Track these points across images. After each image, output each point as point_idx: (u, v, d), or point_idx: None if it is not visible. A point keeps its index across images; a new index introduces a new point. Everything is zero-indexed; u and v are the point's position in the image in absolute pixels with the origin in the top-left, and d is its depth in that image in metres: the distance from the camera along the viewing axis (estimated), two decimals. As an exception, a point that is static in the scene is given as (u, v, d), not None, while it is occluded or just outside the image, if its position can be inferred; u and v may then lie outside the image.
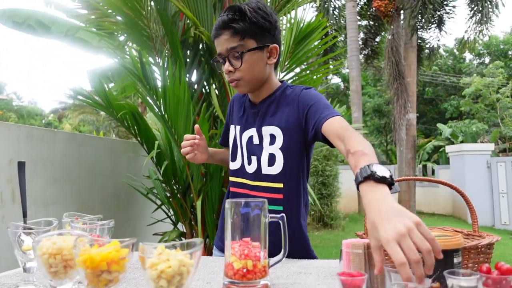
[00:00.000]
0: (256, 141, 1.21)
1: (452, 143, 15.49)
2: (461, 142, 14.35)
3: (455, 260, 0.67)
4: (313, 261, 1.10)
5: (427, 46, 10.19)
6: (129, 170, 3.26)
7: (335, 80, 21.39)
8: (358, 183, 0.76)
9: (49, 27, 3.47)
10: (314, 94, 1.16)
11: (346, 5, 8.84)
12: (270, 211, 0.85)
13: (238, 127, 1.28)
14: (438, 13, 8.80)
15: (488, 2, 8.32)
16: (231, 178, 1.29)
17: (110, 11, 2.91)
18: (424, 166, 14.60)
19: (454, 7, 9.18)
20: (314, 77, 2.98)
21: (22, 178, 0.89)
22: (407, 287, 0.57)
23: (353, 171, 0.82)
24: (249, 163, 1.22)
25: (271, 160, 1.17)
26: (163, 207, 2.99)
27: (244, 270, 0.78)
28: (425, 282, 0.68)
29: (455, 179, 8.97)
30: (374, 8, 9.37)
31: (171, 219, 3.00)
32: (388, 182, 0.72)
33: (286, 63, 2.73)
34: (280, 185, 1.16)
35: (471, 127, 14.57)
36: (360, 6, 10.18)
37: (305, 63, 2.95)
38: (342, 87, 22.85)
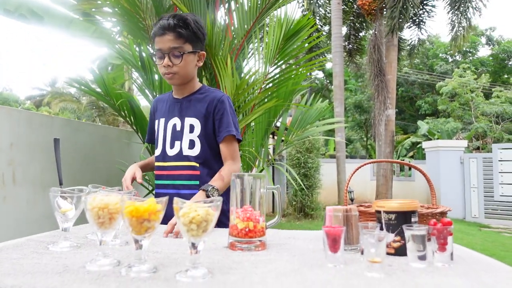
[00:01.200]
0: (178, 128, 1.49)
1: (429, 139, 16.04)
2: (437, 139, 14.89)
3: (413, 220, 0.87)
4: (297, 231, 1.27)
5: (408, 44, 10.54)
6: (122, 157, 3.38)
7: (321, 75, 21.72)
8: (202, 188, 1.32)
9: (42, 17, 3.51)
10: (228, 106, 1.50)
11: (331, 2, 9.04)
12: (188, 186, 1.42)
13: (163, 119, 1.54)
14: (418, 12, 9.12)
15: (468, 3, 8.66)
16: (157, 163, 1.55)
17: (107, 2, 3.01)
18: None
19: (433, 6, 9.54)
20: (300, 72, 3.16)
21: (57, 152, 1.04)
22: (376, 236, 0.76)
23: (212, 180, 1.37)
24: (172, 147, 1.50)
25: (191, 144, 1.48)
26: (154, 191, 3.13)
27: (247, 230, 0.95)
28: (389, 237, 0.88)
29: (430, 174, 9.37)
30: (358, 6, 9.63)
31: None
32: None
33: (275, 59, 2.90)
34: (197, 164, 1.47)
35: (446, 125, 15.14)
36: (344, 3, 10.41)
37: (292, 60, 3.13)
38: (326, 82, 23.22)
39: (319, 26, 10.60)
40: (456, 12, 8.83)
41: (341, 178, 8.91)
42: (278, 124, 3.67)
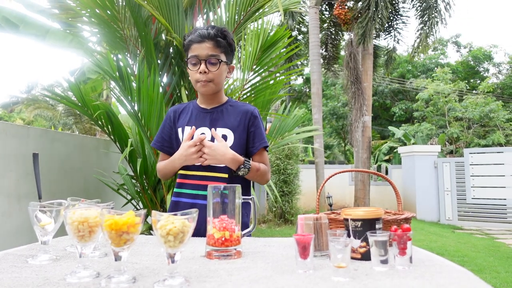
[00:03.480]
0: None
1: (405, 144, 16.48)
2: (413, 143, 15.31)
3: (377, 226, 0.94)
4: (273, 238, 1.33)
5: (383, 53, 10.86)
6: (99, 166, 3.36)
7: (300, 81, 22.02)
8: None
9: (18, 25, 3.47)
10: (260, 119, 1.55)
11: (309, 11, 9.24)
12: None
13: (188, 128, 1.52)
14: (392, 23, 9.43)
15: (435, 14, 9.02)
16: (181, 171, 1.53)
17: (83, 12, 3.01)
18: (379, 166, 15.44)
19: (408, 17, 9.89)
20: (278, 79, 3.24)
21: (36, 167, 1.06)
22: (341, 243, 0.82)
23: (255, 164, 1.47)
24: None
25: None
26: (133, 201, 3.13)
27: (223, 239, 1.00)
28: (355, 243, 0.95)
29: (406, 178, 9.65)
30: (334, 15, 9.87)
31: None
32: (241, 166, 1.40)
33: (253, 69, 2.97)
34: (226, 175, 1.47)
35: (421, 129, 15.59)
36: (321, 12, 10.65)
37: (270, 69, 3.20)
38: (304, 89, 23.57)
39: (296, 34, 10.80)
40: (423, 19, 9.16)
41: (320, 184, 9.05)
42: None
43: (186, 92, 3.13)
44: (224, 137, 1.48)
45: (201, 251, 1.07)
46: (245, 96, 3.04)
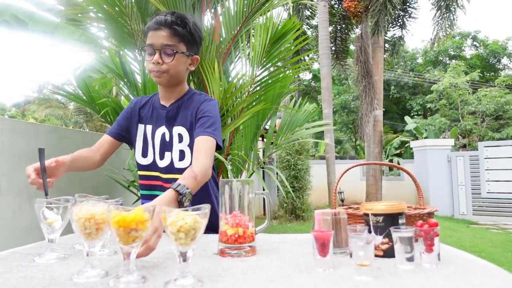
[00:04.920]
0: (167, 138, 1.40)
1: (417, 138, 16.25)
2: (425, 138, 15.09)
3: (400, 222, 0.88)
4: (288, 234, 1.28)
5: (391, 44, 10.67)
6: (110, 163, 3.34)
7: (309, 76, 21.87)
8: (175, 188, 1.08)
9: (26, 23, 3.46)
10: (211, 109, 1.39)
11: (318, 4, 9.12)
12: None
13: (149, 126, 1.44)
14: (401, 14, 9.25)
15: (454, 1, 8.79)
16: (142, 172, 1.46)
17: (90, 7, 2.98)
18: (391, 161, 15.26)
19: (415, 8, 9.69)
20: (288, 72, 3.17)
21: (42, 162, 1.02)
22: (364, 240, 0.77)
23: (180, 178, 1.14)
24: (161, 158, 1.42)
25: (181, 155, 1.39)
26: (143, 198, 3.10)
27: (236, 236, 0.95)
28: (378, 239, 0.89)
29: (418, 172, 9.50)
30: (343, 8, 9.72)
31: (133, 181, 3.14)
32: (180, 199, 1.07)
33: (262, 62, 2.91)
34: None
35: (434, 122, 15.34)
36: (330, 5, 10.51)
37: (280, 62, 3.14)
38: (313, 84, 23.38)
39: (305, 29, 10.68)
40: (441, 11, 8.95)
41: (331, 179, 8.96)
42: (267, 127, 3.68)
43: (195, 87, 3.08)
44: (180, 136, 1.39)
45: (213, 248, 1.02)
46: (254, 91, 2.98)
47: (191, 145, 1.37)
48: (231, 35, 3.08)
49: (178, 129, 1.39)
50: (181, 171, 1.33)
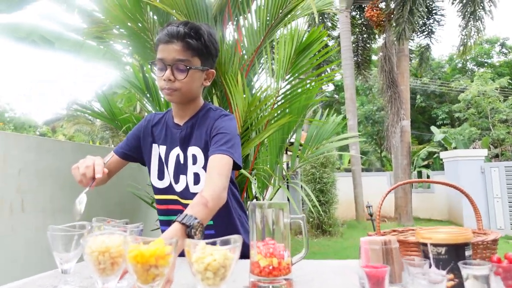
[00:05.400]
0: (182, 160, 1.28)
1: (445, 148, 15.69)
2: (454, 148, 14.54)
3: (466, 253, 0.74)
4: (325, 261, 1.15)
5: (417, 53, 10.40)
6: (133, 179, 3.30)
7: (331, 88, 21.71)
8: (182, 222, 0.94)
9: (53, 42, 3.53)
10: (226, 125, 1.24)
11: (339, 15, 9.02)
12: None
13: (163, 147, 1.32)
14: (427, 21, 9.00)
15: (480, 6, 8.50)
16: (159, 196, 1.34)
17: (113, 24, 2.98)
18: (419, 173, 14.75)
19: (442, 15, 9.42)
20: (312, 86, 3.06)
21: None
22: (426, 277, 0.63)
23: (188, 207, 1.01)
24: (177, 181, 1.29)
25: (196, 178, 1.26)
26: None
27: (270, 267, 0.83)
28: (440, 274, 0.75)
29: (450, 185, 9.07)
30: (366, 18, 9.58)
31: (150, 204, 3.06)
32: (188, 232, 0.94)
33: (287, 75, 2.81)
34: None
35: (463, 132, 14.78)
36: (351, 16, 10.39)
37: (304, 74, 3.04)
38: (336, 96, 23.11)
39: (327, 40, 10.57)
40: (466, 17, 8.66)
41: (357, 192, 8.69)
42: (293, 140, 3.57)
43: (218, 101, 3.01)
44: (194, 157, 1.25)
45: (244, 280, 0.91)
46: (279, 103, 2.88)
47: (205, 167, 1.23)
48: (254, 46, 3.01)
49: (192, 150, 1.27)
50: (194, 196, 1.21)
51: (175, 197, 1.29)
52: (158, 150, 1.33)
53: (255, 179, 3.07)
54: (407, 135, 8.72)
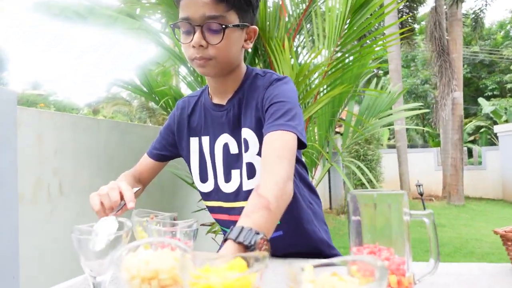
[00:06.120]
0: (232, 149, 0.99)
1: (495, 122, 14.62)
2: (505, 121, 13.48)
3: None
4: (451, 266, 0.84)
5: (469, 19, 9.49)
6: (173, 158, 3.13)
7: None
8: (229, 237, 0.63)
9: (86, 17, 3.40)
10: (282, 91, 0.93)
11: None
12: None
13: (205, 139, 1.03)
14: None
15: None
16: (206, 203, 1.06)
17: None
18: (469, 149, 13.88)
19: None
20: (366, 53, 2.69)
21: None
22: None
23: (243, 215, 0.69)
24: (227, 179, 1.00)
25: (250, 171, 0.95)
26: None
27: (386, 288, 0.56)
28: None
29: (506, 161, 8.37)
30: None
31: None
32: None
33: (340, 38, 2.46)
34: None
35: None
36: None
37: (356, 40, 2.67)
38: (375, 70, 22.01)
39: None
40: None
41: (403, 170, 8.22)
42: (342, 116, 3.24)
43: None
44: (245, 143, 0.96)
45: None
46: (330, 73, 2.55)
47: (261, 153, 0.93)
48: (302, 7, 2.67)
49: (244, 133, 0.97)
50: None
51: (219, 203, 1.02)
52: (198, 144, 1.05)
53: (302, 158, 2.81)
54: (459, 107, 8.04)
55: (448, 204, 7.78)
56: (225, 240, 0.63)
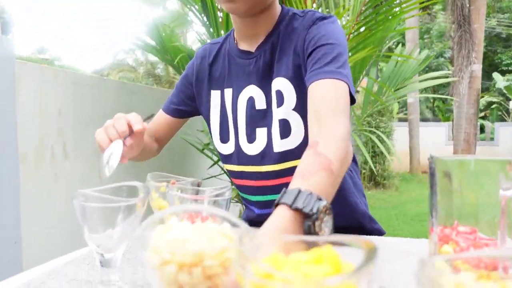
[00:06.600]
0: (259, 104, 0.84)
1: (507, 98, 14.28)
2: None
3: None
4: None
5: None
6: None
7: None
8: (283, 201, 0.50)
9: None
10: (329, 31, 0.76)
11: None
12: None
13: (228, 91, 0.88)
14: None
15: None
16: (226, 167, 0.93)
17: None
18: (481, 125, 13.62)
19: None
20: (397, 13, 2.46)
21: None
22: None
23: (297, 175, 0.56)
24: (251, 140, 0.85)
25: (285, 129, 0.81)
26: (220, 163, 2.73)
27: None
28: None
29: (521, 138, 8.16)
30: None
31: (228, 175, 2.75)
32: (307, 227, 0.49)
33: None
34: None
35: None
36: None
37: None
38: (386, 41, 21.34)
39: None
40: None
41: (413, 143, 8.06)
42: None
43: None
44: (279, 96, 0.81)
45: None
46: (356, 33, 2.35)
47: (300, 107, 0.79)
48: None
49: (277, 84, 0.81)
50: (284, 157, 0.80)
51: (241, 167, 0.88)
52: (219, 98, 0.90)
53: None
54: (477, 81, 7.73)
55: (458, 180, 7.65)
56: (276, 205, 0.49)
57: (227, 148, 0.89)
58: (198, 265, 0.31)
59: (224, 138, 0.90)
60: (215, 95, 0.90)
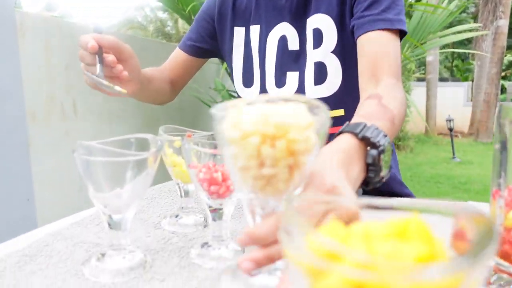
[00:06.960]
0: (292, 44, 0.74)
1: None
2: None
3: None
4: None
5: None
6: (194, 80, 2.89)
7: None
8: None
9: None
10: None
11: None
12: None
13: (255, 28, 0.77)
14: None
15: None
16: None
17: None
18: (501, 86, 13.12)
19: None
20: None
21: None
22: None
23: (360, 116, 0.53)
24: (280, 84, 0.75)
25: (320, 72, 0.72)
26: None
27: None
28: None
29: (544, 98, 7.84)
30: None
31: None
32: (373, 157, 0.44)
33: None
34: (341, 112, 0.72)
35: None
36: None
37: None
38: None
39: None
40: None
41: (430, 104, 7.83)
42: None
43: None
44: (317, 35, 0.71)
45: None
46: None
47: (340, 50, 0.70)
48: None
49: (314, 22, 0.72)
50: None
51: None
52: (243, 36, 0.80)
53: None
54: (503, 37, 7.31)
55: (475, 142, 7.48)
56: (339, 133, 0.46)
57: (251, 94, 0.81)
58: (282, 137, 0.28)
59: (247, 82, 0.81)
60: (238, 32, 0.81)
